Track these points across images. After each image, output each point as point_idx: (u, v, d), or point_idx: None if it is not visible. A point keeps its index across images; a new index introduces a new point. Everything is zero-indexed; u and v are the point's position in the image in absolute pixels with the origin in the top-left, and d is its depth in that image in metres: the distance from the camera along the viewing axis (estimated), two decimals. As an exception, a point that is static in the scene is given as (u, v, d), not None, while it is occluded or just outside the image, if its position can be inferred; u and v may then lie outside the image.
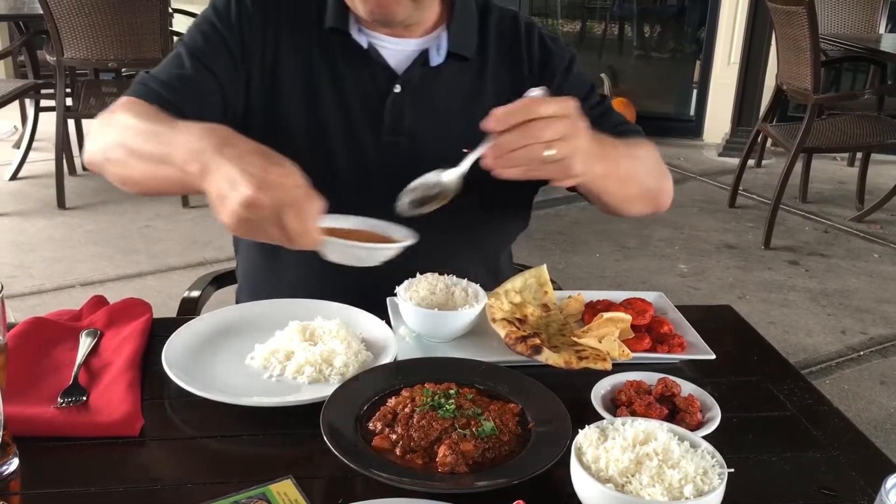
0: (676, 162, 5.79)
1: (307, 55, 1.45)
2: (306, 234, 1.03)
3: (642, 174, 1.41)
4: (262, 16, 1.44)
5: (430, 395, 1.06)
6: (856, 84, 6.39)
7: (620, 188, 1.36)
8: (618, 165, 1.30)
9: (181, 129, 1.15)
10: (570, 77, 1.52)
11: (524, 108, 1.10)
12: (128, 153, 1.23)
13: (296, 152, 1.46)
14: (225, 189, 1.03)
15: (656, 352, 1.26)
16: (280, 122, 1.45)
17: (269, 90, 1.45)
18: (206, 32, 1.43)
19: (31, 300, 3.50)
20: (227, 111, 1.43)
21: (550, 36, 1.55)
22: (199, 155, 1.08)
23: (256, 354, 1.22)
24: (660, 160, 1.47)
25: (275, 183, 1.02)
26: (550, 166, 1.12)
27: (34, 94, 4.91)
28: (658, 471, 0.89)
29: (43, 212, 4.46)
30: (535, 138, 1.09)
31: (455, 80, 1.48)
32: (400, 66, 1.45)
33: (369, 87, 1.45)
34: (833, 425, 1.14)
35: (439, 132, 1.47)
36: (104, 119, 1.30)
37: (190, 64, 1.40)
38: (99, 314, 1.33)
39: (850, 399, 2.98)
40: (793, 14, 4.12)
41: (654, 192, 1.44)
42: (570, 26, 7.44)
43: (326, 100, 1.44)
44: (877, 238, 4.57)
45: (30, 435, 1.02)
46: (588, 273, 3.95)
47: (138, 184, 1.27)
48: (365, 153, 1.46)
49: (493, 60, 1.49)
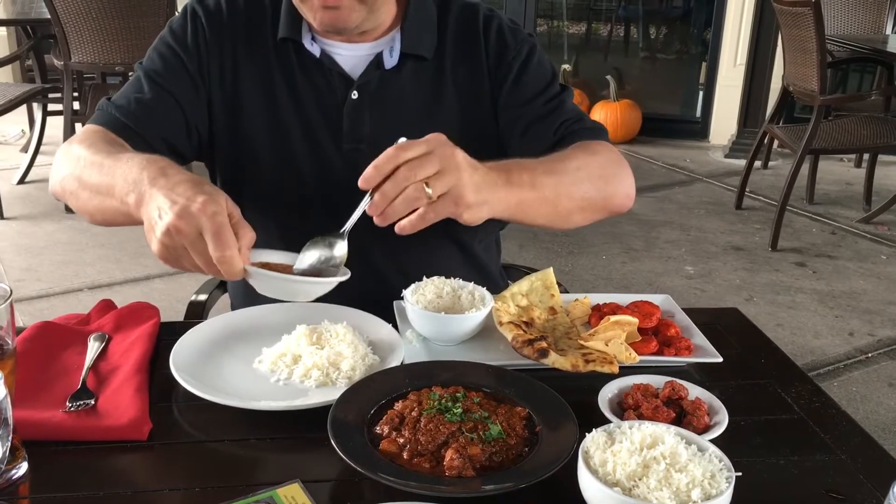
0: (683, 164, 5.78)
1: (265, 68, 1.45)
2: (225, 261, 1.03)
3: (575, 188, 1.31)
4: (217, 34, 1.45)
5: (438, 399, 1.06)
6: (862, 85, 6.37)
7: (548, 208, 1.28)
8: (535, 188, 1.24)
9: (124, 160, 1.18)
10: (528, 69, 1.48)
11: (390, 157, 1.09)
12: (79, 185, 1.26)
13: (260, 165, 1.48)
14: (154, 218, 1.06)
15: (663, 355, 1.26)
16: (243, 136, 1.47)
17: (231, 107, 1.46)
18: (164, 55, 1.45)
19: (40, 304, 3.51)
20: (190, 132, 1.45)
21: (510, 26, 1.51)
22: (136, 186, 1.11)
23: (264, 358, 1.22)
24: (609, 163, 1.39)
25: (197, 211, 1.03)
26: (440, 205, 1.10)
27: (42, 98, 4.92)
28: (665, 474, 0.89)
29: (51, 215, 4.47)
30: (407, 180, 1.08)
31: (413, 82, 1.46)
32: (355, 72, 1.45)
33: (326, 94, 1.45)
34: (841, 428, 1.14)
35: (400, 135, 1.46)
36: (63, 150, 1.34)
37: (149, 87, 1.42)
38: (107, 318, 1.33)
39: (859, 401, 2.97)
40: (799, 15, 4.11)
41: (598, 200, 1.35)
42: (575, 28, 7.43)
43: (286, 111, 1.45)
44: (884, 239, 4.55)
45: (38, 439, 1.03)
46: (594, 275, 3.95)
47: (91, 215, 1.29)
48: (328, 162, 1.46)
49: (451, 58, 1.47)
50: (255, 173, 1.48)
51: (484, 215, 1.16)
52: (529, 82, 1.48)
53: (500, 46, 1.48)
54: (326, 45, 1.45)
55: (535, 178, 1.25)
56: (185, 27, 1.45)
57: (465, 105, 1.48)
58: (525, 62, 1.49)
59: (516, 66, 1.48)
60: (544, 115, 1.47)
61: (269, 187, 1.49)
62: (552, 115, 1.46)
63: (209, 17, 1.45)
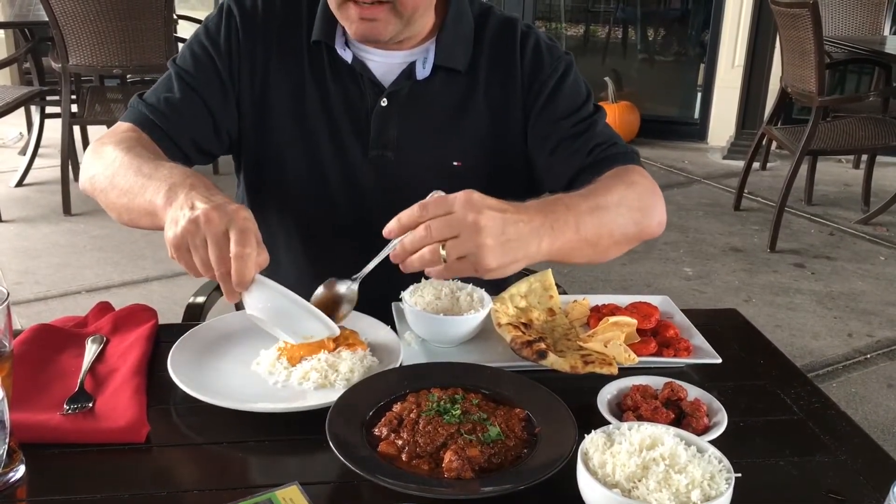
0: (681, 165, 5.78)
1: (296, 69, 1.45)
2: (242, 257, 1.04)
3: (615, 225, 1.26)
4: (251, 34, 1.45)
5: (436, 401, 1.06)
6: (860, 86, 6.38)
7: (589, 249, 1.23)
8: (578, 230, 1.18)
9: (167, 167, 1.21)
10: (562, 88, 1.47)
11: (413, 215, 1.07)
12: (110, 184, 1.27)
13: (286, 166, 1.48)
14: (183, 209, 1.08)
15: (662, 356, 1.26)
16: (270, 136, 1.47)
17: (259, 106, 1.46)
18: (196, 54, 1.45)
19: (37, 306, 3.50)
20: (219, 132, 1.46)
21: (547, 44, 1.49)
22: (173, 188, 1.14)
23: (262, 360, 1.21)
24: (644, 192, 1.34)
25: (231, 211, 1.06)
26: (458, 266, 1.07)
27: (39, 100, 4.92)
28: (665, 476, 0.89)
29: (49, 218, 4.47)
30: (423, 241, 1.06)
31: (444, 94, 1.46)
32: (386, 79, 1.45)
33: (356, 100, 1.45)
34: (840, 429, 1.14)
35: (426, 145, 1.46)
36: (94, 149, 1.35)
37: (178, 87, 1.43)
38: (104, 320, 1.33)
39: (858, 402, 2.97)
40: (797, 16, 4.11)
41: (634, 234, 1.30)
42: (573, 30, 7.43)
43: (314, 114, 1.45)
44: (882, 240, 4.55)
45: (36, 442, 1.02)
46: (593, 277, 3.94)
47: (118, 213, 1.30)
48: (353, 167, 1.46)
49: (485, 72, 1.46)
50: (279, 173, 1.49)
51: (510, 272, 1.11)
52: (563, 101, 1.46)
53: (536, 63, 1.47)
54: (359, 51, 1.45)
55: (580, 218, 1.19)
56: (220, 26, 1.45)
57: (494, 119, 1.47)
58: (560, 81, 1.47)
59: (551, 84, 1.46)
60: (576, 135, 1.44)
61: (294, 189, 1.49)
62: (584, 136, 1.44)
63: (244, 17, 1.45)
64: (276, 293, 1.09)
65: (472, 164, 1.46)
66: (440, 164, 1.46)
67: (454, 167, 1.46)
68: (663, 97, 7.03)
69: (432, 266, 1.07)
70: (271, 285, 1.09)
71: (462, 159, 1.46)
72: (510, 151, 1.49)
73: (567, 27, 7.27)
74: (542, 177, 1.50)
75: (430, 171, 1.45)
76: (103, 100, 4.68)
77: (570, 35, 7.31)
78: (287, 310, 1.12)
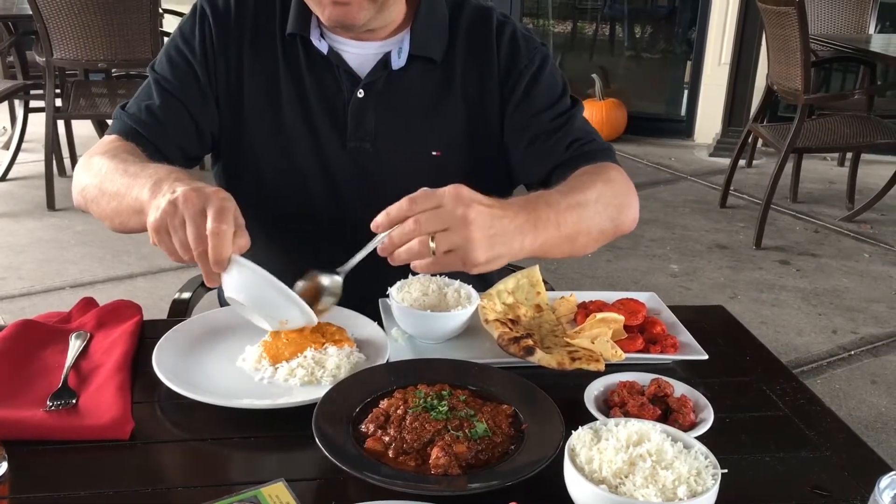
0: (667, 162, 5.80)
1: (271, 63, 1.45)
2: (219, 234, 1.04)
3: (593, 222, 1.28)
4: (224, 34, 1.45)
5: (423, 397, 1.06)
6: (846, 84, 6.41)
7: (568, 245, 1.25)
8: (559, 227, 1.19)
9: (152, 167, 1.23)
10: (539, 80, 1.46)
11: (402, 208, 1.07)
12: (99, 192, 1.28)
13: (263, 160, 1.47)
14: (161, 199, 1.09)
15: (649, 352, 1.26)
16: (247, 130, 1.47)
17: (235, 101, 1.46)
18: (173, 59, 1.46)
19: (21, 302, 3.48)
20: (202, 135, 1.46)
21: (523, 34, 1.49)
22: (158, 182, 1.15)
23: (247, 356, 1.21)
24: (620, 190, 1.36)
25: (210, 192, 1.07)
26: (446, 260, 1.07)
27: (23, 94, 4.88)
28: (651, 472, 0.89)
29: (33, 213, 4.43)
30: (413, 233, 1.06)
31: (421, 83, 1.45)
32: (362, 70, 1.44)
33: (333, 92, 1.44)
34: (825, 425, 1.14)
35: (403, 136, 1.45)
36: (83, 162, 1.36)
37: (158, 95, 1.43)
38: (88, 316, 1.32)
39: (842, 398, 2.99)
40: (783, 14, 4.13)
41: (610, 230, 1.32)
42: (561, 27, 7.44)
43: (290, 106, 1.44)
44: (867, 238, 4.58)
45: (19, 438, 1.01)
46: (580, 273, 3.95)
47: (110, 219, 1.30)
48: (331, 159, 1.45)
49: (461, 61, 1.46)
50: (255, 167, 1.48)
51: (496, 268, 1.12)
52: (540, 94, 1.46)
53: (512, 53, 1.46)
54: (335, 43, 1.44)
55: (560, 216, 1.20)
56: (194, 29, 1.45)
57: (471, 109, 1.46)
58: (537, 73, 1.46)
59: (528, 76, 1.45)
60: (553, 129, 1.44)
61: (271, 182, 1.49)
62: (561, 131, 1.44)
63: (216, 17, 1.44)
64: (254, 274, 1.08)
65: (452, 153, 1.46)
66: (419, 154, 1.46)
67: (433, 157, 1.45)
68: (650, 94, 7.05)
69: (420, 258, 1.07)
70: (250, 266, 1.08)
71: (441, 149, 1.46)
72: (489, 140, 1.48)
73: (554, 24, 7.27)
74: (517, 169, 1.50)
75: (409, 161, 1.45)
76: (88, 94, 4.65)
77: (558, 32, 7.31)
78: (264, 292, 1.10)
